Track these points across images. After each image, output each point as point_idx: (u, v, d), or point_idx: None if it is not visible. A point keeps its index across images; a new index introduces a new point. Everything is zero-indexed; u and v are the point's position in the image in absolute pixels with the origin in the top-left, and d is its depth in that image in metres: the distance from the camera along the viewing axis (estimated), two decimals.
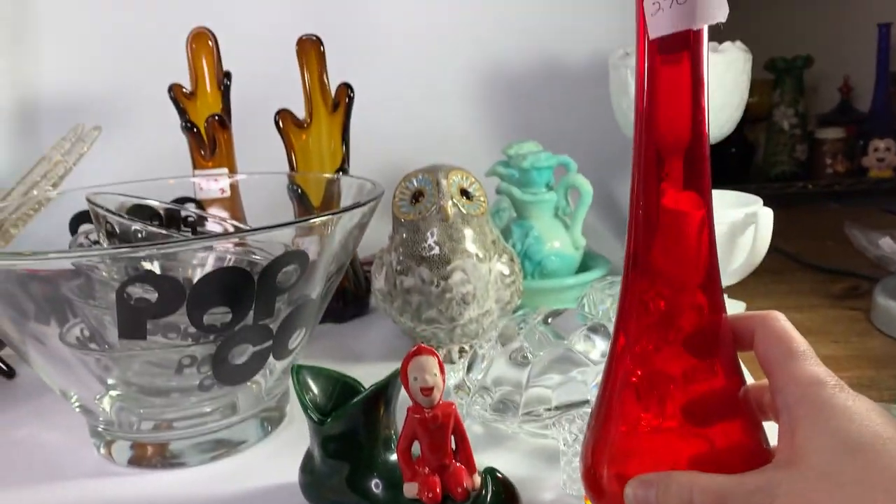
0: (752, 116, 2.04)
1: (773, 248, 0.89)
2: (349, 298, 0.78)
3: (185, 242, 0.50)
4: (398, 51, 0.97)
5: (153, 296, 0.45)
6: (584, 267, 0.78)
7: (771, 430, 0.35)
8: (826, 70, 1.95)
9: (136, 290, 0.46)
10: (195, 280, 0.46)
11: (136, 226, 0.52)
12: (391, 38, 0.97)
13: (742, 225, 0.65)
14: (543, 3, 0.98)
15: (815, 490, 0.30)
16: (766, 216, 0.64)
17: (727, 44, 0.78)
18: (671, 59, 0.34)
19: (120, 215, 0.51)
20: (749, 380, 0.37)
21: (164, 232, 0.51)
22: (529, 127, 0.97)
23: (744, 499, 0.31)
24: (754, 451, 0.36)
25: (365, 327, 0.76)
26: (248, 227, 0.63)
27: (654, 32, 0.34)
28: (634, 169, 0.35)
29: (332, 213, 0.49)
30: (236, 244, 0.51)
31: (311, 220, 0.48)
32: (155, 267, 0.49)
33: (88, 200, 0.54)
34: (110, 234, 0.53)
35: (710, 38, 0.35)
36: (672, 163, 0.35)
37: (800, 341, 0.35)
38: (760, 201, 0.66)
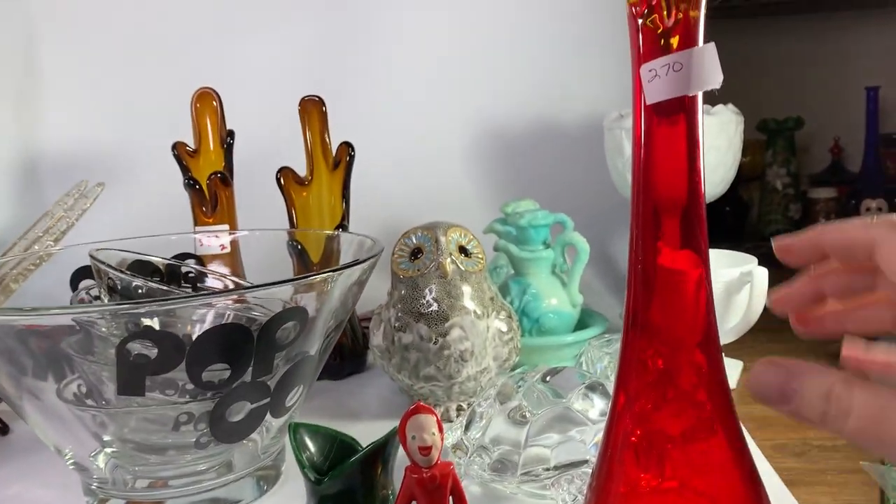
0: (746, 176, 2.07)
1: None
2: (346, 355, 0.78)
3: (186, 299, 0.51)
4: (398, 111, 0.99)
5: (153, 352, 0.45)
6: (581, 324, 0.79)
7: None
8: (817, 131, 1.99)
9: (136, 347, 0.46)
10: (195, 336, 0.46)
11: (138, 282, 0.52)
12: (392, 99, 0.99)
13: (738, 284, 0.65)
14: (541, 67, 1.01)
15: None
16: (762, 275, 0.64)
17: (720, 106, 0.80)
18: (667, 121, 0.35)
19: (121, 271, 0.52)
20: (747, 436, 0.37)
21: (164, 288, 0.52)
22: (527, 186, 0.98)
23: None
24: None
25: (362, 384, 0.76)
26: (247, 284, 0.63)
27: (651, 99, 0.35)
28: (632, 228, 0.35)
29: (332, 271, 0.49)
30: (236, 300, 0.51)
31: (311, 278, 0.49)
32: (155, 323, 0.49)
33: (91, 256, 0.54)
34: (111, 290, 0.54)
35: (704, 101, 0.36)
36: (668, 222, 0.35)
37: None
38: (755, 261, 0.66)
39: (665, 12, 0.34)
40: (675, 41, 0.35)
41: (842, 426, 0.28)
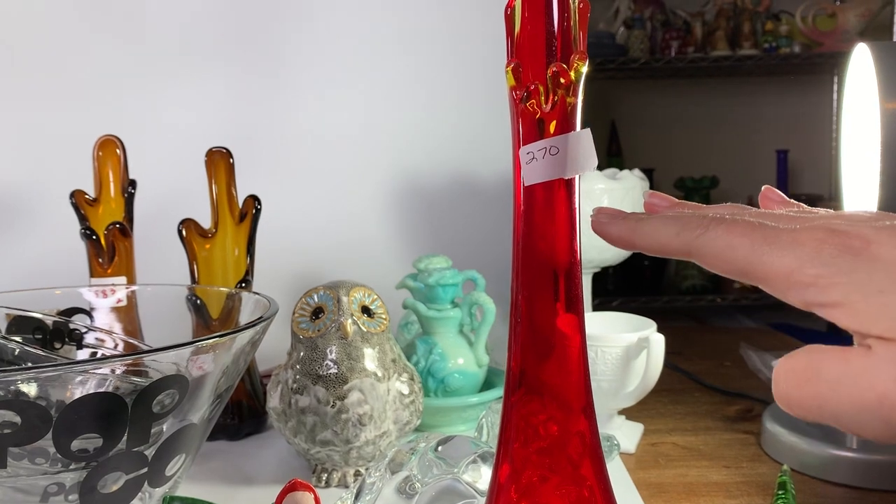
0: None
1: (674, 367, 0.91)
2: (245, 415, 0.75)
3: (57, 368, 0.48)
4: (311, 164, 0.99)
5: (17, 420, 0.42)
6: (488, 384, 0.79)
7: None
8: (731, 190, 2.07)
9: (2, 414, 0.43)
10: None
11: (11, 344, 0.50)
12: (305, 151, 0.98)
13: (636, 349, 0.67)
14: (454, 123, 1.02)
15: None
16: (658, 342, 0.66)
17: (625, 172, 0.82)
18: (548, 193, 0.35)
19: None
20: (631, 499, 0.37)
21: (40, 352, 0.49)
22: (440, 240, 0.99)
23: (850, 386, 0.26)
24: None
25: (260, 446, 0.73)
26: (137, 343, 0.61)
27: (529, 180, 0.36)
28: (519, 286, 0.35)
29: (221, 336, 0.48)
30: (124, 363, 0.49)
31: (197, 343, 0.47)
32: (32, 387, 0.47)
33: None
34: None
35: (613, 165, 0.37)
36: (561, 283, 0.36)
37: (749, 218, 0.30)
38: (654, 326, 0.68)
39: (543, 98, 0.35)
40: (552, 126, 0.36)
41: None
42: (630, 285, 1.83)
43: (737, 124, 2.21)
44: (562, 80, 0.35)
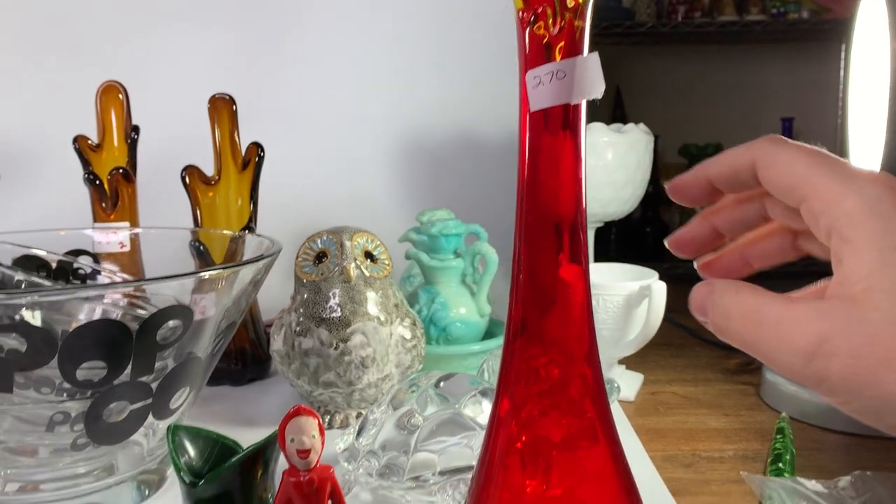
0: (667, 199, 2.13)
1: (674, 323, 0.92)
2: (248, 361, 0.76)
3: (59, 292, 0.48)
4: (312, 114, 0.98)
5: (23, 345, 0.43)
6: (489, 334, 0.79)
7: None
8: None
9: (6, 342, 0.44)
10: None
11: (19, 276, 0.50)
12: (309, 102, 0.98)
13: (637, 297, 0.67)
14: (458, 76, 1.01)
15: (882, 340, 0.24)
16: (660, 289, 0.66)
17: (630, 125, 0.82)
18: (554, 133, 0.35)
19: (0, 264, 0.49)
20: (630, 443, 0.37)
21: (47, 283, 0.49)
22: (443, 195, 0.99)
23: (792, 329, 0.26)
24: None
25: (263, 391, 0.74)
26: (123, 281, 0.61)
27: (535, 105, 0.35)
28: (522, 237, 0.35)
29: (223, 267, 0.48)
30: (127, 295, 0.49)
31: (200, 274, 0.47)
32: (36, 318, 0.47)
33: None
34: None
35: (618, 120, 0.36)
36: (565, 234, 0.36)
37: (820, 151, 0.28)
38: (656, 275, 0.68)
39: (550, 21, 0.35)
40: (559, 50, 0.35)
41: (730, 337, 0.29)
42: (633, 251, 1.83)
43: (743, 91, 2.19)
44: (569, 4, 0.35)
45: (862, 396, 0.25)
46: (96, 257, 0.67)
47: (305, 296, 0.64)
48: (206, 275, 0.47)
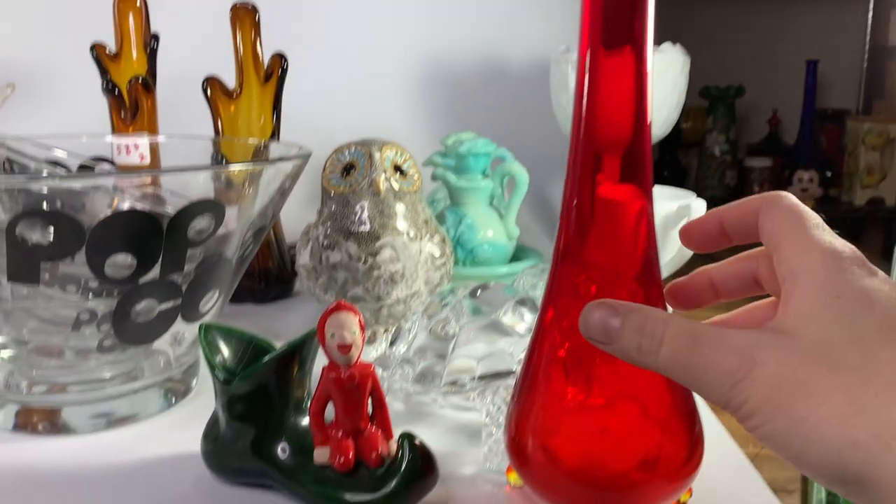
0: (686, 141, 2.10)
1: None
2: (272, 280, 0.74)
3: (86, 177, 0.46)
4: (337, 32, 0.95)
5: (49, 238, 0.41)
6: (516, 258, 0.77)
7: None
8: (756, 101, 2.02)
9: (32, 233, 0.42)
10: None
11: (41, 167, 0.48)
12: (331, 17, 0.94)
13: (675, 217, 0.65)
14: (489, 2, 0.98)
15: (807, 367, 0.26)
16: (700, 208, 0.64)
17: (667, 44, 0.79)
18: (614, 54, 0.33)
19: (25, 154, 0.47)
20: None
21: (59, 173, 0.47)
22: (468, 122, 0.96)
23: (725, 352, 0.27)
24: (683, 426, 0.35)
25: (287, 309, 0.73)
26: (161, 169, 0.59)
27: None
28: (571, 159, 0.34)
29: (254, 164, 0.46)
30: (149, 194, 0.47)
31: (231, 168, 0.45)
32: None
33: None
34: None
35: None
36: (611, 154, 0.34)
37: (813, 215, 0.31)
38: (693, 195, 0.66)
39: None
40: None
41: (655, 358, 0.29)
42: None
43: (767, 33, 2.13)
44: None
45: (775, 419, 0.26)
46: (116, 167, 0.65)
47: (333, 208, 0.62)
48: (235, 169, 0.45)
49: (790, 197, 0.32)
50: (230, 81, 0.72)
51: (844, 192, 1.85)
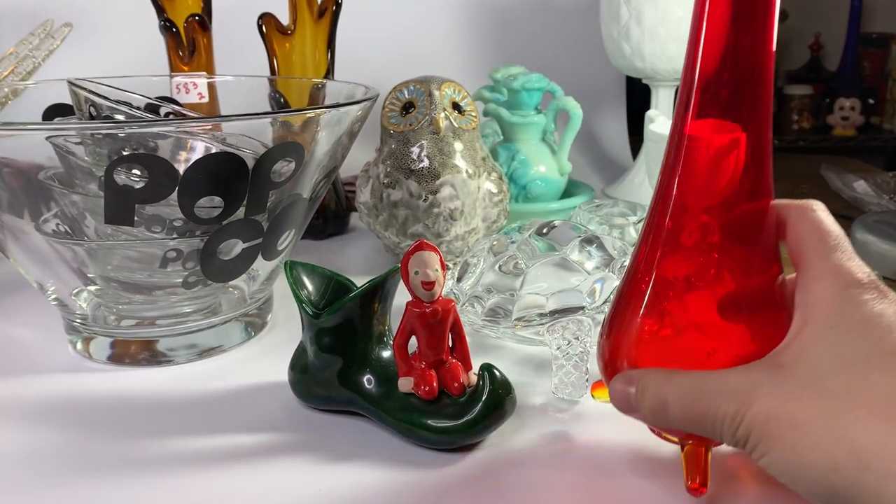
0: None
1: None
2: (329, 216, 0.76)
3: (174, 122, 0.48)
4: None
5: (141, 181, 0.43)
6: (567, 194, 0.78)
7: None
8: (799, 26, 1.96)
9: (124, 176, 0.44)
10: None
11: (123, 109, 0.49)
12: None
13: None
14: None
15: (796, 399, 0.28)
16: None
17: None
18: None
19: (106, 98, 0.48)
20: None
21: (151, 117, 0.49)
22: (514, 56, 0.95)
23: (723, 399, 0.30)
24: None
25: (344, 245, 0.75)
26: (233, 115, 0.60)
27: None
28: (682, 97, 0.35)
29: (328, 107, 0.47)
30: (220, 140, 0.48)
31: (306, 113, 0.46)
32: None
33: (69, 83, 0.51)
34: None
35: None
36: (697, 91, 0.34)
37: (835, 234, 0.32)
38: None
39: None
40: None
41: (666, 418, 0.32)
42: None
43: None
44: None
45: (772, 451, 0.28)
46: (179, 105, 0.66)
47: (393, 146, 0.63)
48: (312, 112, 0.46)
49: (818, 210, 0.33)
50: (284, 17, 0.72)
51: (886, 119, 1.81)
